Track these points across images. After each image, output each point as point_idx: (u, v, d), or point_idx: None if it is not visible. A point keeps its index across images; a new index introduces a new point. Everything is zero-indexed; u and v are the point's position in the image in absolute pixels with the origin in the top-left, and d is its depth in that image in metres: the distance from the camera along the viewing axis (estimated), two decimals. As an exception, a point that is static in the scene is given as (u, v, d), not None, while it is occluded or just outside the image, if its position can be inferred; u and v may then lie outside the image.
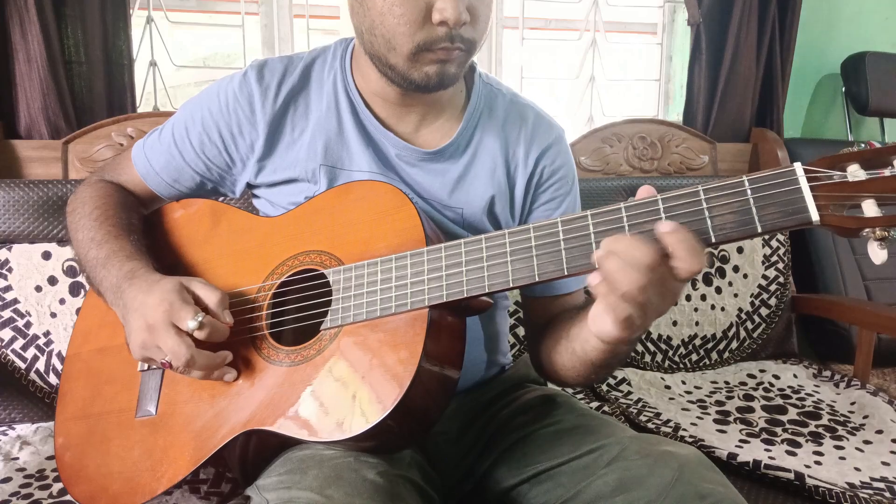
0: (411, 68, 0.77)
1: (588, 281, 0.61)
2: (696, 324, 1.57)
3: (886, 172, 0.55)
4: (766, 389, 1.44)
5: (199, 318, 0.73)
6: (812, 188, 0.56)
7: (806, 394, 1.42)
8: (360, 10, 0.78)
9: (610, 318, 0.62)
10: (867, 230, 0.55)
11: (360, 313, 0.73)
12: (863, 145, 0.57)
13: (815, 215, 0.56)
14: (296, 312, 0.80)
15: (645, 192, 0.62)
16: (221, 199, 0.96)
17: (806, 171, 0.57)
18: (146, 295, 0.75)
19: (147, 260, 0.83)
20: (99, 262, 0.83)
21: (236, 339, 0.78)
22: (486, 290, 0.68)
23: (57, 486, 1.00)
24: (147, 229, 0.92)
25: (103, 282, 0.82)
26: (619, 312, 0.60)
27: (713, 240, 0.59)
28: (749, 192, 0.58)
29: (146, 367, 0.84)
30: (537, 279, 0.65)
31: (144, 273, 0.79)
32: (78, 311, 1.12)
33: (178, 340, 0.72)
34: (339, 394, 0.70)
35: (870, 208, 0.55)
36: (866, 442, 1.20)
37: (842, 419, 1.29)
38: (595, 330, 0.66)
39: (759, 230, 0.58)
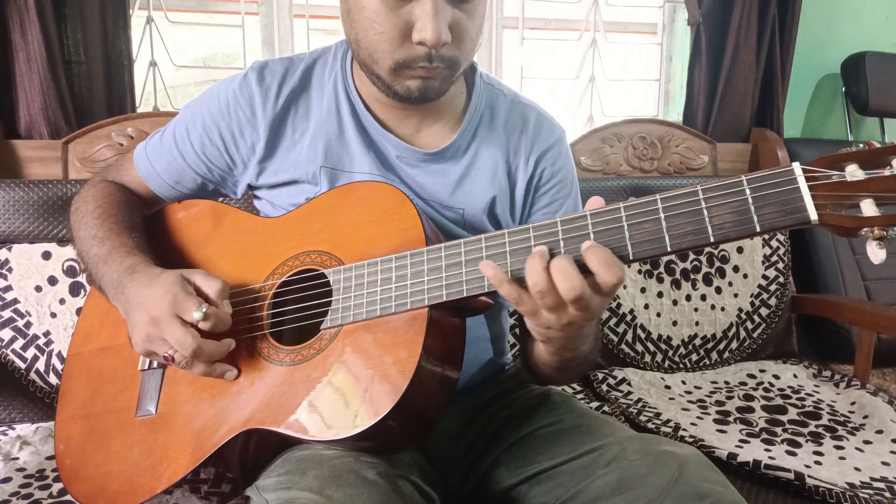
0: (394, 81, 0.78)
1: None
2: (696, 324, 1.57)
3: (885, 172, 0.55)
4: (766, 389, 1.44)
5: (204, 310, 0.73)
6: (810, 188, 0.56)
7: (806, 394, 1.42)
8: (347, 20, 0.79)
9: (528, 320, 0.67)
10: (866, 229, 0.55)
11: (360, 313, 0.73)
12: (862, 145, 0.57)
13: (813, 215, 0.56)
14: (296, 312, 0.80)
15: (594, 202, 0.64)
16: (223, 199, 0.96)
17: (804, 171, 0.57)
18: (148, 288, 0.76)
19: (148, 255, 0.83)
20: (100, 259, 0.83)
21: (237, 339, 0.78)
22: (486, 290, 0.68)
23: (57, 486, 1.00)
24: (149, 230, 0.92)
25: (104, 277, 0.82)
26: (533, 318, 0.66)
27: (712, 239, 0.59)
28: (748, 191, 0.59)
29: (147, 366, 0.84)
30: (537, 278, 0.65)
31: (145, 267, 0.80)
32: (78, 311, 1.12)
33: (184, 331, 0.72)
34: (338, 393, 0.70)
35: (868, 208, 0.55)
36: (866, 442, 1.20)
37: (842, 419, 1.29)
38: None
39: (758, 230, 0.58)
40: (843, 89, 2.02)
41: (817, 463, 1.12)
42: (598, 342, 0.82)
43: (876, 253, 0.56)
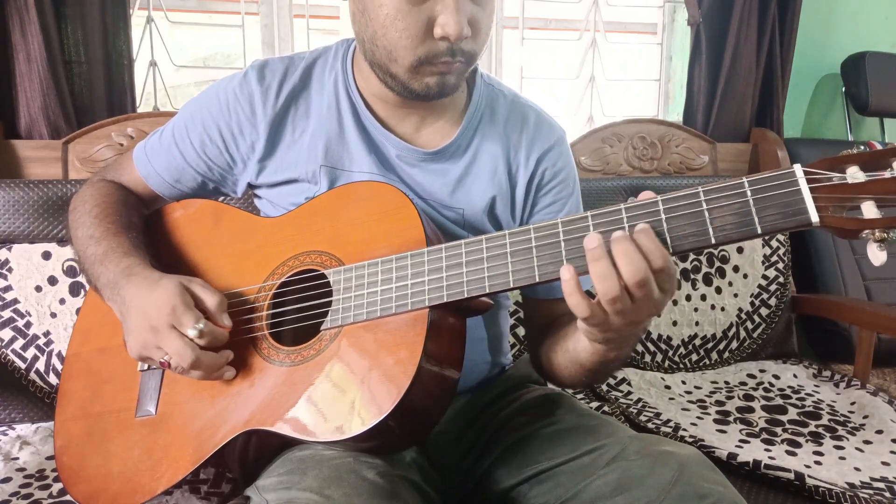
0: (412, 79, 0.78)
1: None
2: (696, 324, 1.57)
3: (886, 174, 0.55)
4: (766, 389, 1.44)
5: (200, 327, 0.73)
6: (812, 189, 0.57)
7: (806, 394, 1.42)
8: (362, 20, 0.78)
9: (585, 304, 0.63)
10: (866, 231, 0.56)
11: (361, 313, 0.73)
12: (862, 147, 0.57)
13: (814, 216, 0.56)
14: (296, 312, 0.80)
15: (647, 195, 0.63)
16: (223, 199, 0.96)
17: (806, 173, 0.57)
18: (147, 293, 0.75)
19: (145, 256, 0.83)
20: (97, 259, 0.83)
21: (237, 340, 0.78)
22: (487, 291, 0.68)
23: (57, 486, 1.00)
24: (148, 229, 0.92)
25: (100, 278, 0.82)
26: (599, 326, 0.63)
27: (713, 241, 0.60)
28: (749, 193, 0.59)
29: (146, 367, 0.84)
30: (538, 279, 0.66)
31: (142, 270, 0.79)
32: (78, 311, 1.12)
33: (182, 343, 0.72)
34: (339, 394, 0.70)
35: (869, 210, 0.56)
36: (866, 442, 1.20)
37: (842, 419, 1.29)
38: (578, 323, 0.67)
39: (759, 231, 0.58)
40: (843, 89, 2.02)
41: (817, 463, 1.12)
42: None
43: (876, 255, 0.56)
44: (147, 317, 0.74)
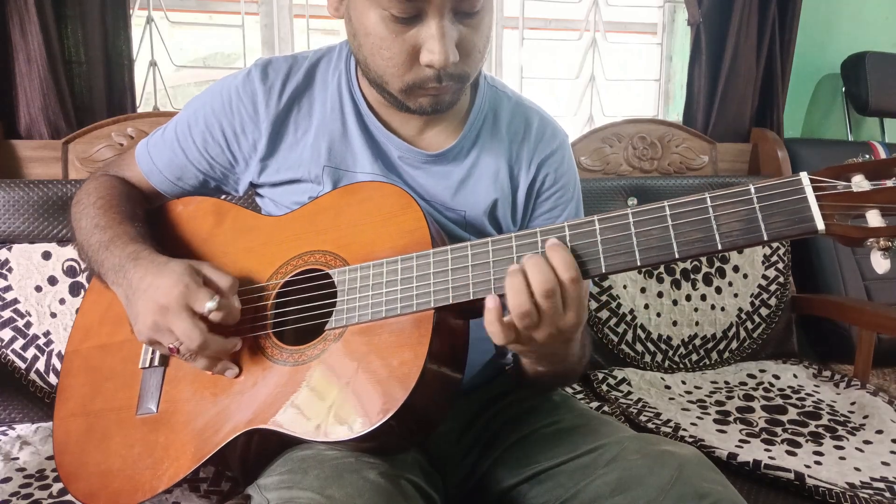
0: (406, 99, 0.79)
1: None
2: (696, 324, 1.57)
3: (890, 183, 0.55)
4: (766, 389, 1.44)
5: (215, 303, 0.73)
6: (818, 198, 0.57)
7: (806, 394, 1.42)
8: (354, 43, 0.79)
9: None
10: (871, 240, 0.56)
11: (366, 314, 0.73)
12: (868, 157, 0.57)
13: (820, 224, 0.56)
14: (300, 312, 0.80)
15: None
16: (225, 197, 0.96)
17: (812, 181, 0.57)
18: (156, 276, 0.75)
19: (151, 244, 0.83)
20: (102, 245, 0.83)
21: (240, 337, 0.78)
22: (493, 293, 0.68)
23: (57, 486, 1.00)
24: (150, 225, 0.92)
25: (104, 263, 0.82)
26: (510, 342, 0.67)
27: (719, 247, 0.60)
28: (755, 200, 0.59)
29: (148, 364, 0.84)
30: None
31: (149, 255, 0.79)
32: (78, 310, 1.12)
33: (192, 323, 0.72)
34: (342, 394, 0.70)
35: (874, 218, 0.56)
36: (866, 442, 1.20)
37: (842, 419, 1.29)
38: None
39: (766, 238, 0.58)
40: (843, 89, 2.02)
41: (817, 463, 1.12)
42: (578, 363, 0.83)
43: (880, 263, 0.57)
44: (156, 298, 0.74)
